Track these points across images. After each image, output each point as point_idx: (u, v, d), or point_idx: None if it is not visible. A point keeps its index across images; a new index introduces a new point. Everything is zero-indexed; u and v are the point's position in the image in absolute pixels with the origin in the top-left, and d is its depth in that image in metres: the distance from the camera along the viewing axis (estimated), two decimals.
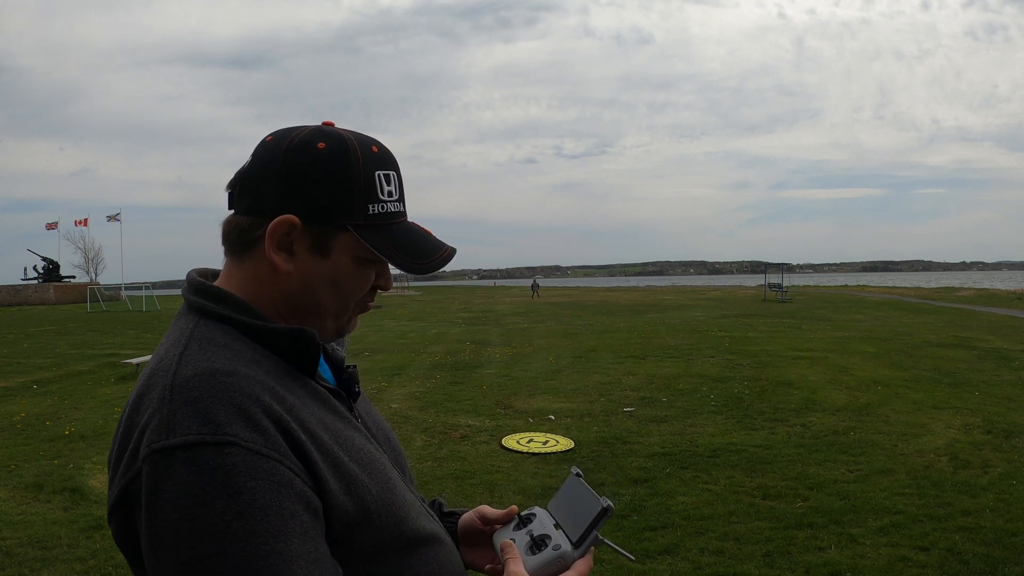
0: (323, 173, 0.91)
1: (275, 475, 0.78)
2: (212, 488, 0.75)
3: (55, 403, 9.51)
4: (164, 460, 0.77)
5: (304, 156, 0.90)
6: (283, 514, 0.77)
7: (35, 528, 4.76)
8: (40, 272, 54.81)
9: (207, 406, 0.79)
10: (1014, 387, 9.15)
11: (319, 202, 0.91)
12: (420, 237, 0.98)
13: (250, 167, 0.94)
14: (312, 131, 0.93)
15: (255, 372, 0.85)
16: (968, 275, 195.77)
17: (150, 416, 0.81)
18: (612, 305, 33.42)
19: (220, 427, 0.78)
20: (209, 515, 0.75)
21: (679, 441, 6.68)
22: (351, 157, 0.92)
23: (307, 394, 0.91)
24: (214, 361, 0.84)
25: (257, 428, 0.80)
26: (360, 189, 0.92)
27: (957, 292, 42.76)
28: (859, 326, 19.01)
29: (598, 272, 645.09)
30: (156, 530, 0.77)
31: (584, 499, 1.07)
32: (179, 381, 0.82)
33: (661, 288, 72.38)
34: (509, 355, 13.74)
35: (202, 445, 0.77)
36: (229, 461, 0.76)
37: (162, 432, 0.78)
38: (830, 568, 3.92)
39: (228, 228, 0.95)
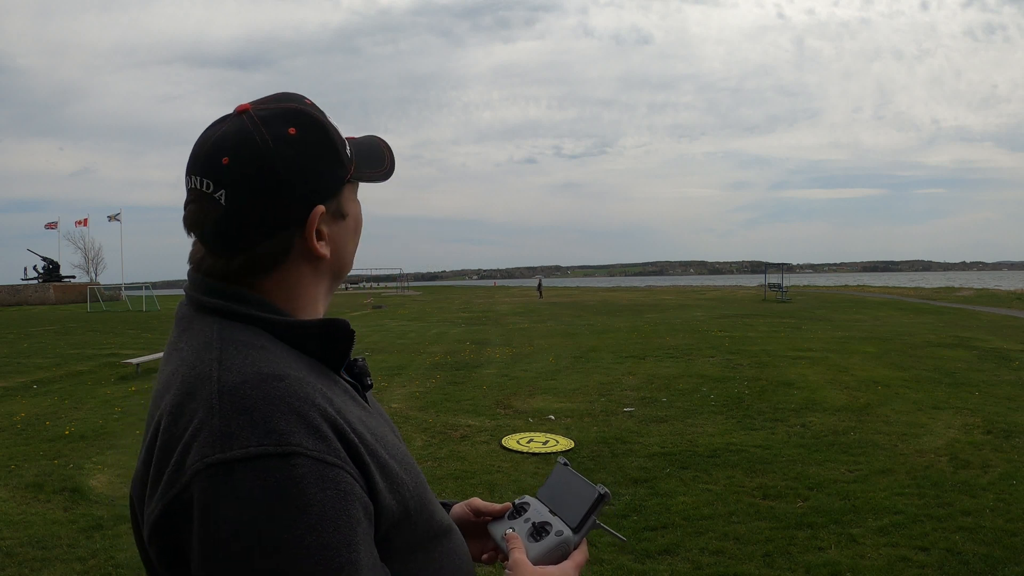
0: (316, 153, 0.88)
1: (341, 483, 0.76)
2: (281, 501, 0.72)
3: (55, 403, 9.51)
4: (223, 474, 0.73)
5: (289, 149, 0.85)
6: (351, 523, 0.75)
7: (35, 528, 4.76)
8: (40, 272, 54.80)
9: (265, 414, 0.75)
10: (1014, 387, 9.15)
11: (329, 180, 0.90)
12: (363, 146, 0.99)
13: (232, 200, 0.84)
14: (270, 122, 0.86)
15: (303, 373, 0.82)
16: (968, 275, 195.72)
17: (197, 427, 0.76)
18: (612, 305, 33.42)
19: (284, 436, 0.74)
20: (279, 530, 0.71)
21: (679, 441, 6.68)
22: (322, 123, 0.90)
23: (341, 391, 0.88)
24: (259, 365, 0.80)
25: (319, 435, 0.76)
26: (342, 142, 0.92)
27: (957, 292, 42.76)
28: (859, 326, 19.01)
29: (598, 272, 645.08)
30: (216, 547, 0.72)
31: (577, 487, 1.09)
32: (227, 388, 0.77)
33: (661, 288, 72.39)
34: (509, 355, 13.74)
35: (266, 457, 0.73)
36: (297, 472, 0.73)
37: (217, 444, 0.74)
38: (830, 568, 3.92)
39: (252, 264, 0.87)
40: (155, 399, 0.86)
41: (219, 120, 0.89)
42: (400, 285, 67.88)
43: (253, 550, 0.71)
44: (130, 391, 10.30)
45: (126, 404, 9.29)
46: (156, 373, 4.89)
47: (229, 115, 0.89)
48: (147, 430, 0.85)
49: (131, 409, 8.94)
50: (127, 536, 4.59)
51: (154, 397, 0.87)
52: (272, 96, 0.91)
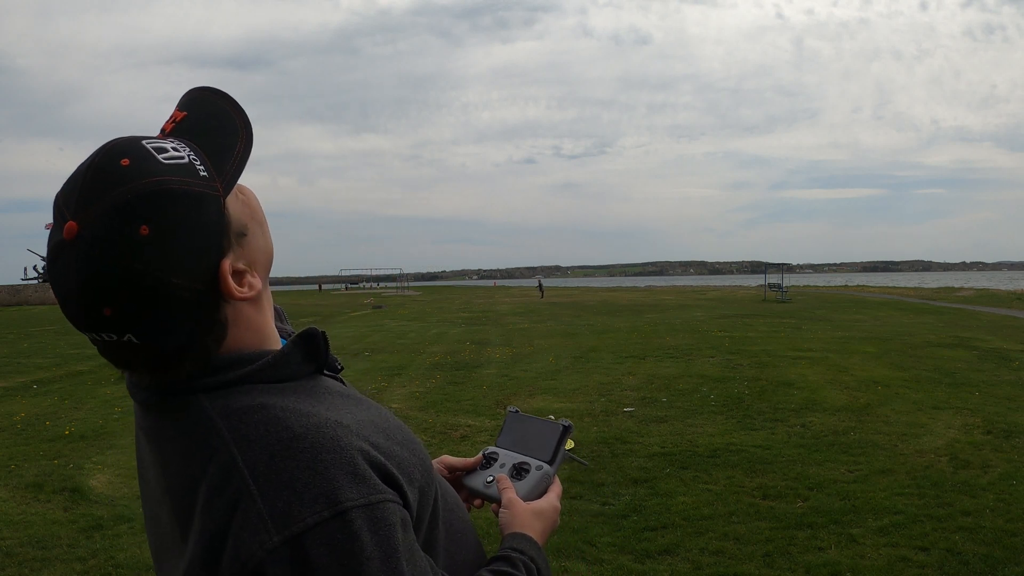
0: (187, 228, 0.76)
1: (388, 516, 0.77)
2: (350, 558, 0.73)
3: (55, 403, 9.51)
4: (288, 555, 0.73)
5: (156, 252, 0.73)
6: (405, 547, 0.77)
7: (35, 528, 4.76)
8: (40, 272, 54.80)
9: (306, 482, 0.75)
10: (1014, 387, 9.14)
11: (215, 233, 0.79)
12: (205, 123, 0.84)
13: (144, 335, 0.76)
14: (109, 243, 0.73)
15: (313, 416, 0.80)
16: (968, 275, 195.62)
17: (242, 519, 0.74)
18: (612, 305, 33.43)
19: (331, 496, 0.74)
20: (369, 569, 0.73)
21: (679, 441, 6.68)
22: (166, 189, 0.75)
23: (333, 396, 0.87)
24: (272, 430, 0.78)
25: (359, 478, 0.77)
26: (206, 184, 0.79)
27: (957, 292, 42.78)
28: (859, 326, 19.01)
29: (598, 272, 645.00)
30: None
31: (537, 427, 1.17)
32: (259, 470, 0.75)
33: (661, 288, 72.41)
34: (509, 355, 13.74)
35: (323, 523, 0.73)
36: (355, 527, 0.74)
37: (272, 529, 0.73)
38: (830, 568, 3.92)
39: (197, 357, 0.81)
40: (173, 497, 0.82)
41: (56, 251, 0.75)
42: (400, 285, 67.90)
43: None
44: None
45: (126, 404, 9.29)
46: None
47: (61, 243, 0.74)
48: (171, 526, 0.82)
49: (131, 409, 8.91)
50: (127, 536, 4.59)
51: (170, 494, 0.83)
52: (84, 188, 0.75)
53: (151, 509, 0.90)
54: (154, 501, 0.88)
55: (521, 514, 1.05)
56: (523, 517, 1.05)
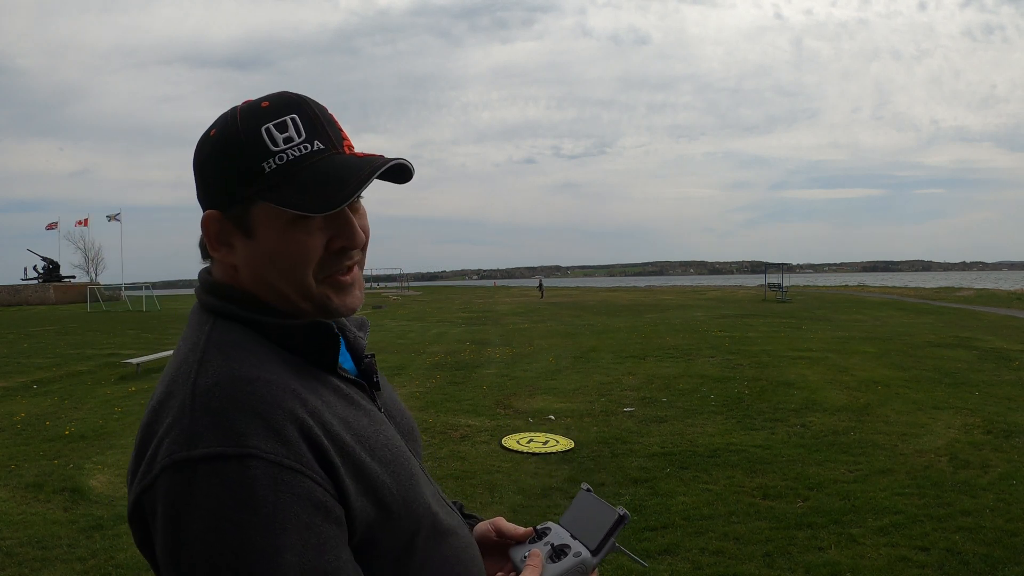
0: (215, 156, 0.88)
1: (297, 487, 0.77)
2: (233, 502, 0.74)
3: (55, 403, 9.51)
4: (184, 472, 0.76)
5: (204, 148, 0.89)
6: (304, 527, 0.76)
7: (35, 528, 4.76)
8: (40, 272, 54.80)
9: (229, 417, 0.77)
10: (1014, 387, 9.14)
11: (222, 186, 0.88)
12: (336, 168, 0.87)
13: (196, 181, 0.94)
14: (215, 121, 0.91)
15: (277, 376, 0.83)
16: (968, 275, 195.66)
17: (170, 425, 0.79)
18: (612, 305, 33.43)
19: (242, 439, 0.76)
20: (230, 529, 0.73)
21: (679, 441, 6.68)
22: (230, 127, 0.87)
23: (328, 391, 0.89)
24: (235, 367, 0.82)
25: (280, 438, 0.78)
26: (247, 151, 0.85)
27: (957, 292, 42.77)
28: (859, 326, 19.01)
29: (598, 272, 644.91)
30: (174, 542, 0.76)
31: (598, 510, 1.10)
32: (200, 390, 0.80)
33: (661, 288, 72.40)
34: (509, 355, 13.74)
35: (224, 458, 0.75)
36: (251, 474, 0.75)
37: (182, 443, 0.77)
38: (830, 568, 3.92)
39: (203, 244, 0.95)
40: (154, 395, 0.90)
41: None
42: (400, 285, 67.86)
43: (204, 545, 0.74)
44: (130, 391, 10.29)
45: (126, 404, 9.29)
46: (156, 373, 4.99)
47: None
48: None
49: (131, 409, 8.94)
50: (127, 536, 4.59)
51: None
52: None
53: None
54: None
55: None
56: None
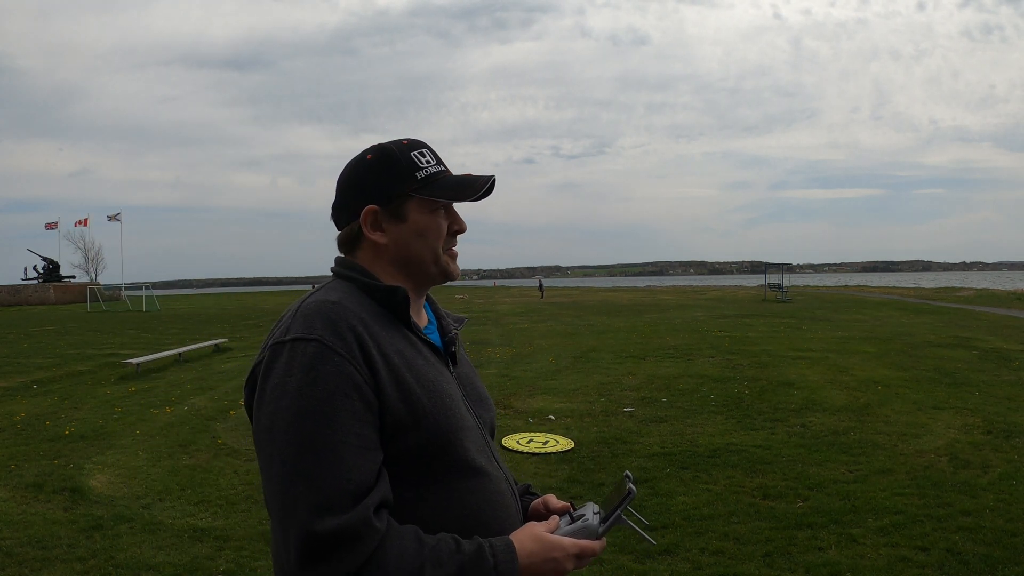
0: (376, 169, 1.29)
1: (341, 367, 1.11)
2: (298, 366, 1.11)
3: (55, 403, 9.51)
4: (278, 349, 1.15)
5: (361, 166, 1.31)
6: (339, 392, 1.10)
7: (35, 528, 4.75)
8: (40, 272, 54.81)
9: (312, 319, 1.16)
10: (1014, 387, 9.14)
11: (383, 188, 1.28)
12: (464, 179, 1.32)
13: (336, 197, 1.33)
14: (362, 152, 1.33)
15: (354, 306, 1.20)
16: (968, 275, 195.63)
17: (281, 325, 1.20)
18: (612, 305, 33.43)
19: (314, 331, 1.14)
20: (291, 382, 1.10)
21: (679, 441, 6.68)
22: (388, 150, 1.30)
23: (398, 335, 1.23)
24: (328, 295, 1.22)
25: (338, 335, 1.14)
26: (404, 166, 1.29)
27: (957, 292, 42.77)
28: (859, 326, 19.01)
29: (598, 272, 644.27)
30: (262, 391, 1.14)
31: (620, 490, 1.24)
32: (304, 305, 1.20)
33: (661, 288, 72.37)
34: (509, 355, 13.74)
35: (299, 340, 1.13)
36: (311, 349, 1.12)
37: (282, 332, 1.17)
38: (830, 568, 3.92)
39: (341, 238, 1.33)
40: None
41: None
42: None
43: (276, 393, 1.12)
44: (130, 391, 10.29)
45: (126, 404, 9.29)
46: (156, 373, 4.98)
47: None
48: None
49: (131, 409, 8.94)
50: (127, 536, 4.59)
51: None
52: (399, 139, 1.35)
53: None
54: None
55: (524, 530, 1.19)
56: (523, 532, 1.18)
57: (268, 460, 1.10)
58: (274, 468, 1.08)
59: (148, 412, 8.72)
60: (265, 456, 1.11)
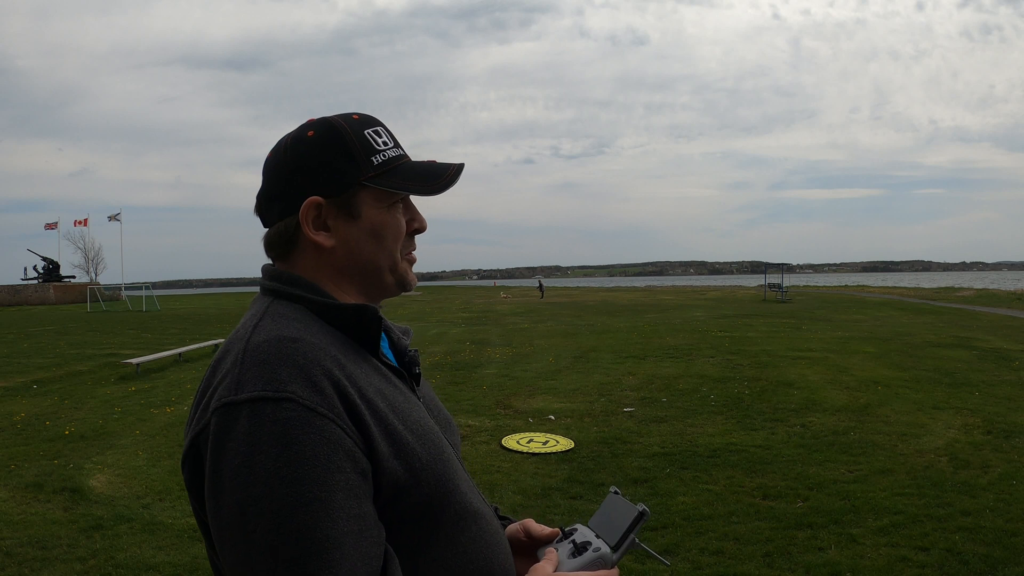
0: (322, 150, 1.01)
1: (326, 432, 0.86)
2: (268, 438, 0.84)
3: (55, 403, 9.51)
4: (231, 413, 0.86)
5: (301, 146, 1.02)
6: (330, 468, 0.85)
7: (35, 528, 4.75)
8: (40, 272, 54.81)
9: (273, 367, 0.88)
10: (1014, 387, 9.14)
11: (331, 175, 1.01)
12: (428, 166, 1.07)
13: (264, 184, 1.05)
14: (299, 128, 1.05)
15: (320, 341, 0.94)
16: (968, 275, 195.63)
17: (223, 375, 0.91)
18: (612, 305, 33.43)
19: (281, 384, 0.87)
20: (263, 461, 0.83)
21: (679, 441, 6.68)
22: (336, 126, 1.03)
23: (370, 368, 0.99)
24: (284, 330, 0.94)
25: (315, 388, 0.88)
26: (358, 149, 1.02)
27: (957, 292, 42.76)
28: (859, 326, 19.01)
29: (598, 272, 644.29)
30: (218, 474, 0.86)
31: (621, 509, 1.13)
32: (251, 346, 0.92)
33: (661, 288, 72.38)
34: (509, 355, 13.74)
35: (263, 400, 0.86)
36: (285, 415, 0.85)
37: (232, 389, 0.88)
38: (830, 568, 3.92)
39: (270, 239, 1.05)
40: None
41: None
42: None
43: (243, 476, 0.84)
44: (130, 391, 10.29)
45: (126, 404, 9.29)
46: (156, 372, 4.97)
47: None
48: None
49: (131, 409, 8.94)
50: (127, 536, 4.59)
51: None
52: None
53: None
54: None
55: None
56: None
57: (244, 566, 0.84)
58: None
59: (148, 412, 8.72)
60: (239, 561, 0.85)
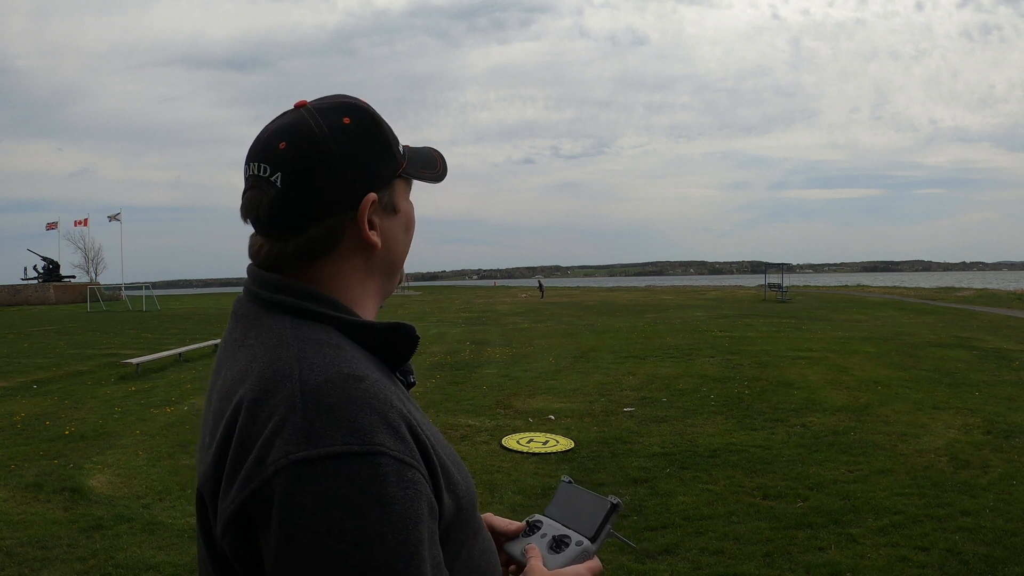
0: (368, 140, 0.91)
1: (416, 484, 0.77)
2: (366, 499, 0.73)
3: (55, 403, 9.51)
4: (307, 471, 0.73)
5: (343, 136, 0.89)
6: (420, 521, 0.76)
7: (35, 528, 4.75)
8: (40, 272, 54.81)
9: (348, 414, 0.76)
10: (1014, 387, 9.14)
11: (380, 170, 0.92)
12: (420, 152, 1.01)
13: (287, 182, 0.86)
14: (325, 113, 0.90)
15: (378, 375, 0.83)
16: (968, 275, 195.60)
17: (279, 423, 0.76)
18: (612, 305, 33.43)
19: (368, 436, 0.75)
20: (363, 526, 0.73)
21: (679, 441, 6.68)
22: (372, 114, 0.94)
23: (400, 392, 0.90)
24: (339, 364, 0.81)
25: (398, 435, 0.78)
26: (393, 135, 0.95)
27: (957, 292, 42.76)
28: (859, 326, 19.00)
29: (598, 272, 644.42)
30: (296, 543, 0.73)
31: (587, 500, 1.13)
32: (311, 388, 0.78)
33: (661, 288, 72.38)
34: (509, 355, 13.74)
35: (351, 456, 0.74)
36: (381, 472, 0.74)
37: (301, 442, 0.74)
38: (830, 568, 3.92)
39: (302, 248, 0.88)
40: (223, 394, 0.85)
41: (280, 115, 0.93)
42: (400, 285, 67.86)
43: (337, 545, 0.72)
44: (130, 391, 10.30)
45: (126, 404, 9.29)
46: (156, 373, 4.93)
47: (288, 110, 0.93)
48: (214, 425, 0.84)
49: (131, 409, 8.94)
50: (127, 536, 4.59)
51: (222, 392, 0.85)
52: (329, 95, 0.95)
53: (205, 422, 0.91)
54: (208, 411, 0.89)
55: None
56: None
57: None
58: None
59: (148, 412, 8.72)
60: None
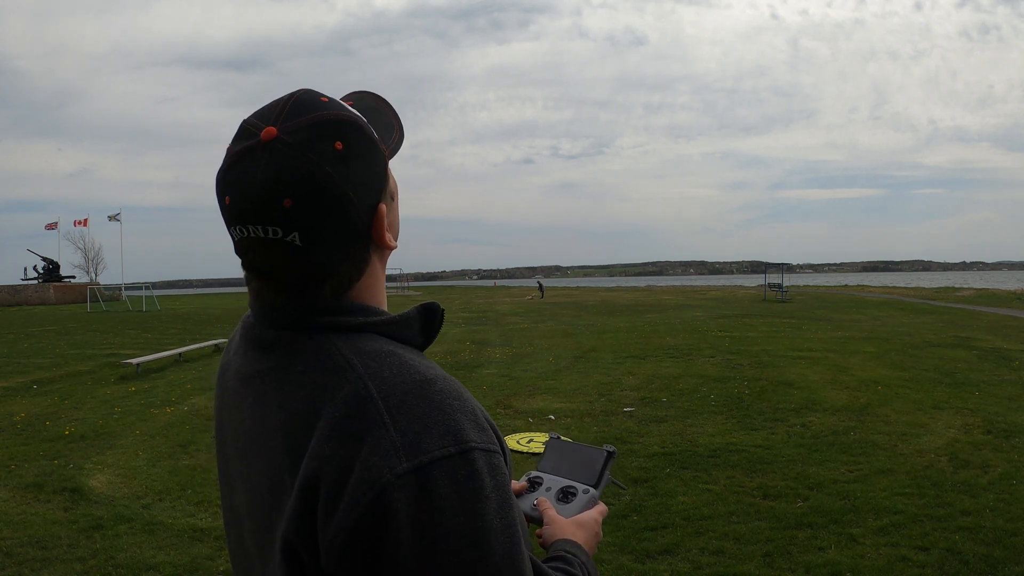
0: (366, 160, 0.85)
1: (502, 468, 0.83)
2: (471, 495, 0.77)
3: (55, 403, 9.51)
4: (414, 481, 0.75)
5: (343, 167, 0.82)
6: (514, 502, 0.83)
7: (35, 528, 4.76)
8: (40, 272, 54.84)
9: (436, 419, 0.79)
10: (1014, 387, 9.14)
11: (381, 177, 0.88)
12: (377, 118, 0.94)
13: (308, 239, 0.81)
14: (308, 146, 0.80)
15: (438, 369, 0.86)
16: (968, 275, 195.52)
17: (373, 445, 0.77)
18: (612, 305, 33.42)
19: (459, 435, 0.79)
20: (474, 519, 0.76)
21: (679, 441, 6.68)
22: (356, 122, 0.85)
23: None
24: (408, 373, 0.82)
25: (480, 427, 0.82)
26: (375, 134, 0.89)
27: (957, 292, 42.75)
28: (859, 326, 19.00)
29: (598, 272, 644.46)
30: (420, 548, 0.75)
31: (580, 452, 1.21)
32: (393, 404, 0.79)
33: (661, 288, 72.37)
34: (509, 355, 13.74)
35: (450, 457, 0.77)
36: (476, 467, 0.78)
37: (402, 456, 0.76)
38: (830, 568, 3.92)
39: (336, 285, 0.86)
40: (289, 428, 0.82)
41: (245, 152, 0.82)
42: (400, 285, 67.85)
43: (457, 543, 0.76)
44: (130, 391, 10.30)
45: (126, 404, 9.29)
46: (156, 373, 4.91)
47: (254, 145, 0.81)
48: (282, 463, 0.82)
49: (131, 409, 8.94)
50: (127, 536, 4.59)
51: (285, 426, 0.83)
52: (286, 108, 0.83)
53: (246, 459, 0.89)
54: (253, 450, 0.87)
55: (564, 526, 1.09)
56: (566, 528, 1.09)
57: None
58: None
59: (148, 412, 8.72)
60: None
